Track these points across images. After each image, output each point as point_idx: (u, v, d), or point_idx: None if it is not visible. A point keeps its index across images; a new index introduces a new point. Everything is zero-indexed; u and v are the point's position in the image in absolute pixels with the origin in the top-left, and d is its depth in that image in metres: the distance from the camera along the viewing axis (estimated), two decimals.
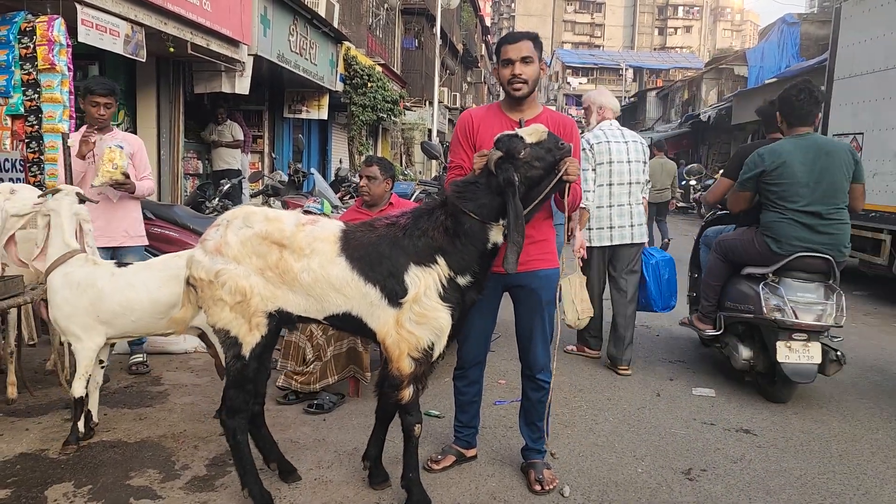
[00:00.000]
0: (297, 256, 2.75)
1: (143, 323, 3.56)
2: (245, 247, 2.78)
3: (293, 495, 3.09)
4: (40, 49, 4.95)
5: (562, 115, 3.29)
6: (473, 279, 2.80)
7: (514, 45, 3.07)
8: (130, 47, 6.16)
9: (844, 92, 8.56)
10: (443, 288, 2.72)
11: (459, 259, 2.74)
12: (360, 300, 2.76)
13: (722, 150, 25.91)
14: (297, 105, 12.70)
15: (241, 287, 2.76)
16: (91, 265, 3.56)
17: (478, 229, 2.73)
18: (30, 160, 5.07)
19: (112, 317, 3.48)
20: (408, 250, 2.73)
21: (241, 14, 8.37)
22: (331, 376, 4.17)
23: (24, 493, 3.03)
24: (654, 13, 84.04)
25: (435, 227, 2.75)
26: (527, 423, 3.36)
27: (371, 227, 2.86)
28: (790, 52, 21.39)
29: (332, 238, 2.79)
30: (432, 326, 2.73)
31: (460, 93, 33.00)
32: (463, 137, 3.22)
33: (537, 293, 3.16)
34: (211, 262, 2.80)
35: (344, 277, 2.73)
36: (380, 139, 19.73)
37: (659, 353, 5.65)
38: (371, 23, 18.43)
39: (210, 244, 2.83)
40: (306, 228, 2.80)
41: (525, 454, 3.37)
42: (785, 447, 3.80)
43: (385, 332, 2.75)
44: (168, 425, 3.85)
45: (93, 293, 3.45)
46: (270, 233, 2.78)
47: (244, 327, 2.80)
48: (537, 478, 3.21)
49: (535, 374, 3.26)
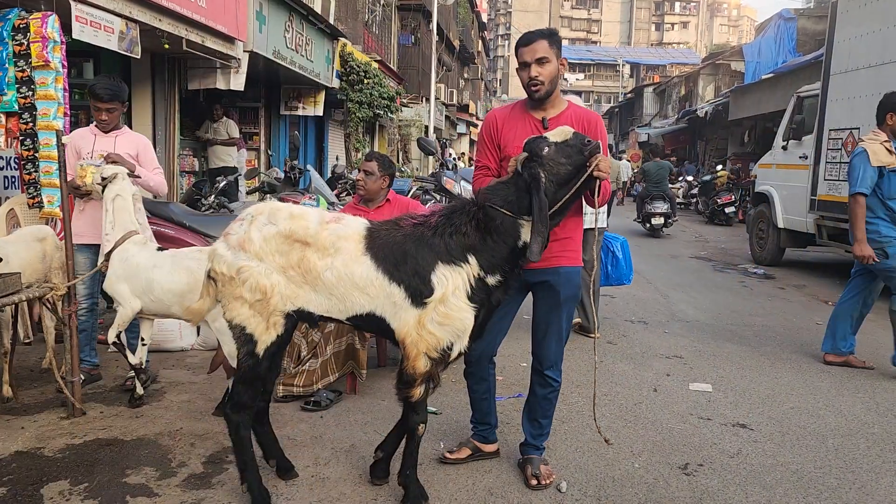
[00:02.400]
0: (320, 255, 2.72)
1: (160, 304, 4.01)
2: (268, 244, 2.75)
3: (290, 492, 3.08)
4: (34, 46, 4.92)
5: (587, 111, 3.24)
6: (502, 278, 2.79)
7: (529, 46, 3.03)
8: (125, 44, 6.13)
9: (841, 87, 8.55)
10: (471, 288, 2.71)
11: (490, 257, 2.73)
12: (384, 300, 2.74)
13: (719, 145, 25.91)
14: (293, 102, 12.67)
15: (262, 285, 2.73)
16: (143, 246, 4.08)
17: (509, 225, 2.73)
18: (24, 157, 5.05)
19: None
20: (437, 249, 2.71)
21: (237, 10, 8.34)
22: (331, 374, 4.17)
23: (20, 492, 3.02)
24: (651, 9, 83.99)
25: (468, 222, 2.74)
26: (530, 418, 3.34)
27: (397, 225, 2.84)
28: (787, 48, 21.39)
29: (357, 236, 2.76)
30: (455, 328, 2.72)
31: (457, 89, 32.95)
32: (488, 138, 3.22)
33: (556, 289, 3.12)
34: (233, 258, 2.77)
35: (368, 277, 2.71)
36: (376, 136, 19.68)
37: (655, 348, 5.66)
38: (367, 19, 18.38)
39: (233, 239, 2.81)
40: (330, 226, 2.77)
41: (523, 449, 3.35)
42: (781, 442, 3.80)
43: (405, 331, 2.74)
44: (164, 423, 3.84)
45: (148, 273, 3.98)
46: (294, 231, 2.75)
47: (261, 326, 2.78)
48: (534, 472, 3.20)
49: (545, 370, 3.23)
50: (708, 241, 13.68)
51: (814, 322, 6.68)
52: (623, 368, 5.08)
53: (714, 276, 9.68)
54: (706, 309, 7.26)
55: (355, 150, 15.25)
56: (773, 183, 10.34)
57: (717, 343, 5.87)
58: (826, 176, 8.69)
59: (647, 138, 32.10)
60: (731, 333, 6.22)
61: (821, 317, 6.68)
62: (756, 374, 5.01)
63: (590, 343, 5.49)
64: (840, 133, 8.42)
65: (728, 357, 5.45)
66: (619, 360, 5.28)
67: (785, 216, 9.87)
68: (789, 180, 9.84)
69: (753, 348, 5.73)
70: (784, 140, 10.12)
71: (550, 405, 3.29)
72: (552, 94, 3.10)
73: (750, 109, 19.74)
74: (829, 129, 8.71)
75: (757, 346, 5.82)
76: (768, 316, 7.01)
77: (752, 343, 5.90)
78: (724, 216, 16.77)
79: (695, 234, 15.13)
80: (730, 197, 16.87)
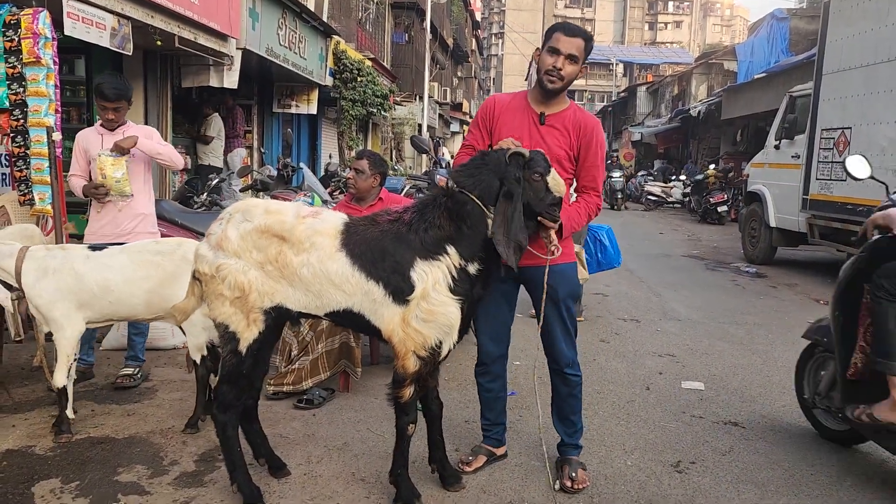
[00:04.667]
0: (296, 250, 2.72)
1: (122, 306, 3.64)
2: (245, 241, 2.76)
3: (282, 490, 3.08)
4: (25, 42, 4.88)
5: (587, 115, 3.17)
6: (481, 266, 2.76)
7: (569, 38, 2.97)
8: (117, 41, 6.09)
9: (833, 87, 8.59)
10: (452, 280, 2.69)
11: (468, 244, 2.71)
12: (362, 297, 2.73)
13: (712, 144, 25.97)
14: (286, 100, 12.63)
15: (240, 282, 2.75)
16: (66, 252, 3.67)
17: (479, 213, 2.70)
18: (15, 154, 5.01)
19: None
20: (413, 245, 2.70)
21: (230, 7, 8.30)
22: (322, 372, 4.15)
23: (11, 490, 3.01)
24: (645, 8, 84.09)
25: (440, 214, 2.72)
26: (560, 418, 3.31)
27: (374, 221, 2.82)
28: (780, 48, 21.46)
29: (333, 232, 2.75)
30: (440, 323, 2.70)
31: (451, 88, 32.96)
32: (482, 121, 3.17)
33: (553, 288, 3.08)
34: (213, 257, 2.81)
35: (343, 273, 2.70)
36: (370, 134, 19.65)
37: (648, 346, 5.67)
38: (361, 17, 18.35)
39: (213, 239, 2.84)
40: (307, 221, 2.76)
41: (561, 450, 3.31)
42: (773, 440, 3.82)
43: (391, 329, 2.73)
44: (156, 421, 3.83)
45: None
46: (270, 226, 2.76)
47: (242, 322, 2.79)
48: (570, 475, 3.14)
49: (564, 369, 3.21)
50: (700, 240, 13.72)
51: (805, 320, 6.66)
52: (615, 366, 5.09)
53: (706, 274, 9.71)
54: (698, 307, 7.28)
55: (348, 147, 15.22)
56: (766, 182, 10.38)
57: (710, 341, 5.89)
58: (818, 175, 8.73)
59: (640, 137, 32.14)
60: (723, 332, 6.24)
61: (812, 315, 6.69)
62: (748, 373, 5.03)
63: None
64: (832, 133, 8.46)
65: (720, 355, 5.47)
66: (612, 359, 5.29)
67: (777, 215, 9.90)
68: (781, 179, 9.88)
69: (745, 346, 5.75)
70: (776, 139, 10.16)
71: (577, 401, 3.27)
72: (561, 93, 3.08)
73: (742, 109, 19.78)
74: (821, 128, 8.75)
75: (749, 344, 5.84)
76: (760, 314, 7.04)
77: (744, 341, 5.92)
78: (716, 215, 16.82)
79: (687, 232, 15.17)
80: (722, 196, 16.92)
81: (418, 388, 2.87)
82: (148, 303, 3.64)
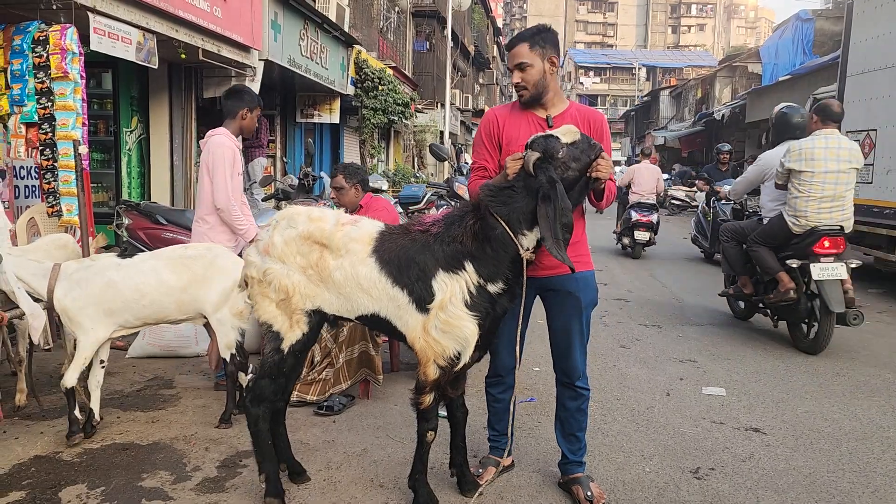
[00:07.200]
0: (334, 255, 2.86)
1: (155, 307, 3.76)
2: (289, 246, 2.91)
3: (302, 496, 3.12)
4: (53, 58, 5.03)
5: (590, 109, 3.19)
6: (506, 286, 2.77)
7: (511, 52, 3.03)
8: (142, 55, 6.23)
9: (857, 88, 8.49)
10: (469, 296, 2.71)
11: (490, 265, 2.72)
12: (388, 302, 2.81)
13: (736, 148, 25.73)
14: (308, 109, 12.79)
15: (284, 285, 2.90)
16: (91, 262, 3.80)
17: (508, 239, 2.70)
18: (44, 167, 5.15)
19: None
20: (437, 256, 2.75)
21: (252, 20, 8.45)
22: (344, 382, 4.22)
23: (39, 495, 3.09)
24: (668, 11, 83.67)
25: (465, 232, 2.74)
26: (564, 434, 3.23)
27: (406, 231, 2.90)
28: (804, 49, 21.24)
29: (367, 239, 2.86)
30: (456, 336, 2.72)
31: (472, 94, 33.03)
32: (487, 137, 3.15)
33: (577, 296, 3.06)
34: (261, 262, 2.97)
35: (371, 278, 2.79)
36: (391, 142, 19.78)
37: (669, 352, 5.64)
38: (382, 26, 18.49)
39: (260, 244, 3.01)
40: (345, 228, 2.89)
41: (565, 468, 3.24)
42: (794, 446, 3.78)
43: (414, 336, 2.80)
44: (180, 427, 3.90)
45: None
46: (312, 232, 2.89)
47: (286, 323, 2.94)
48: (586, 495, 3.07)
49: (574, 382, 3.15)
50: None
51: None
52: (636, 372, 5.07)
53: None
54: (721, 313, 7.22)
55: (370, 156, 15.34)
56: None
57: (732, 347, 5.84)
58: None
59: (663, 141, 31.94)
60: (745, 337, 6.19)
61: None
62: (770, 378, 4.98)
63: (597, 347, 5.49)
64: (857, 135, 8.34)
65: (742, 361, 5.42)
66: (632, 364, 5.27)
67: None
68: None
69: (768, 352, 5.69)
70: None
71: (584, 416, 3.21)
72: (547, 95, 3.05)
73: (767, 111, 19.49)
74: (846, 130, 8.63)
75: (771, 349, 5.78)
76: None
77: (767, 347, 5.86)
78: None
79: None
80: None
81: (439, 396, 2.90)
82: (179, 302, 3.77)
